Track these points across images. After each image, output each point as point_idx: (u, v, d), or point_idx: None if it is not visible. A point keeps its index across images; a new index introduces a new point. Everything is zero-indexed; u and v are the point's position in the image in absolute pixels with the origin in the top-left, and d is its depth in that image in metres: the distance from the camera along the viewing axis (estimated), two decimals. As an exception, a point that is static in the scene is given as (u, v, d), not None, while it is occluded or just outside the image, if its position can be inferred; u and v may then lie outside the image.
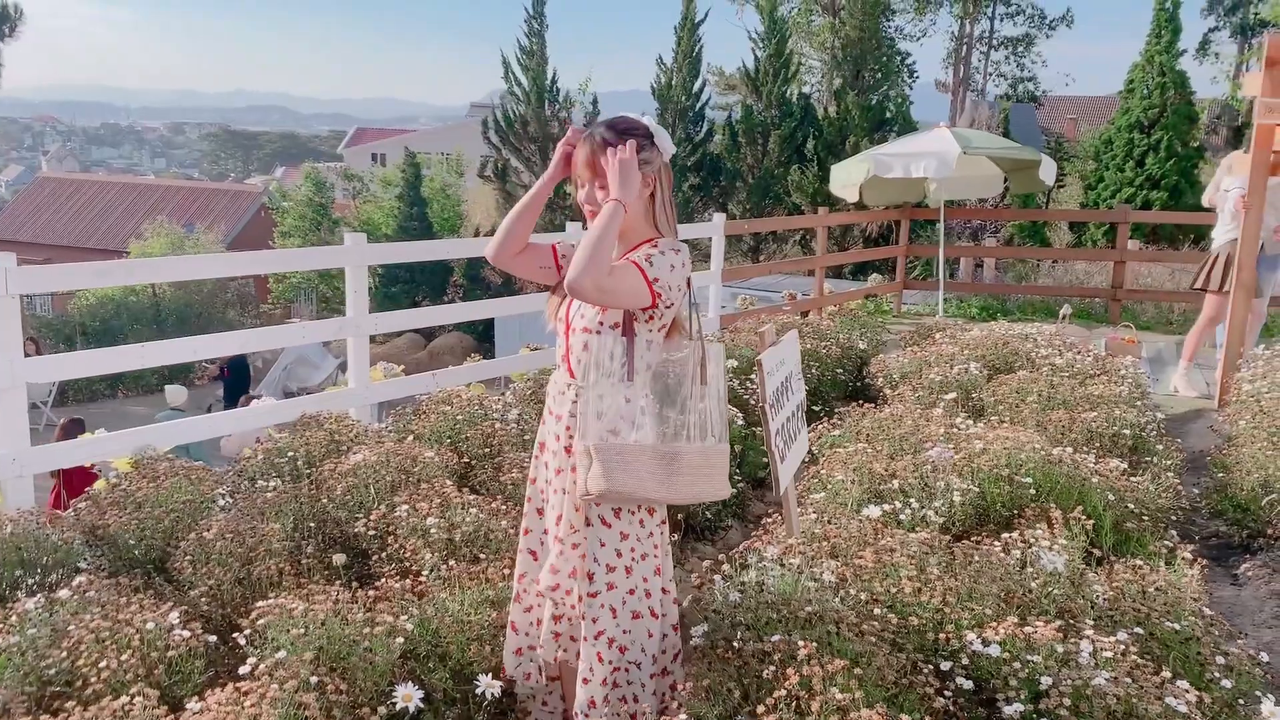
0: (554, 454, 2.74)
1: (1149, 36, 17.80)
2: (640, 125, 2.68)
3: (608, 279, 2.45)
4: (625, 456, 2.53)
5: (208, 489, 4.02)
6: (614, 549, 2.66)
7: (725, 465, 2.71)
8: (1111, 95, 45.67)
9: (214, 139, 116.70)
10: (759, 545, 3.30)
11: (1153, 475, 4.54)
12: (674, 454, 2.59)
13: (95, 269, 4.70)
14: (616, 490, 2.51)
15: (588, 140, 2.63)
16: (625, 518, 2.65)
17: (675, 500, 2.64)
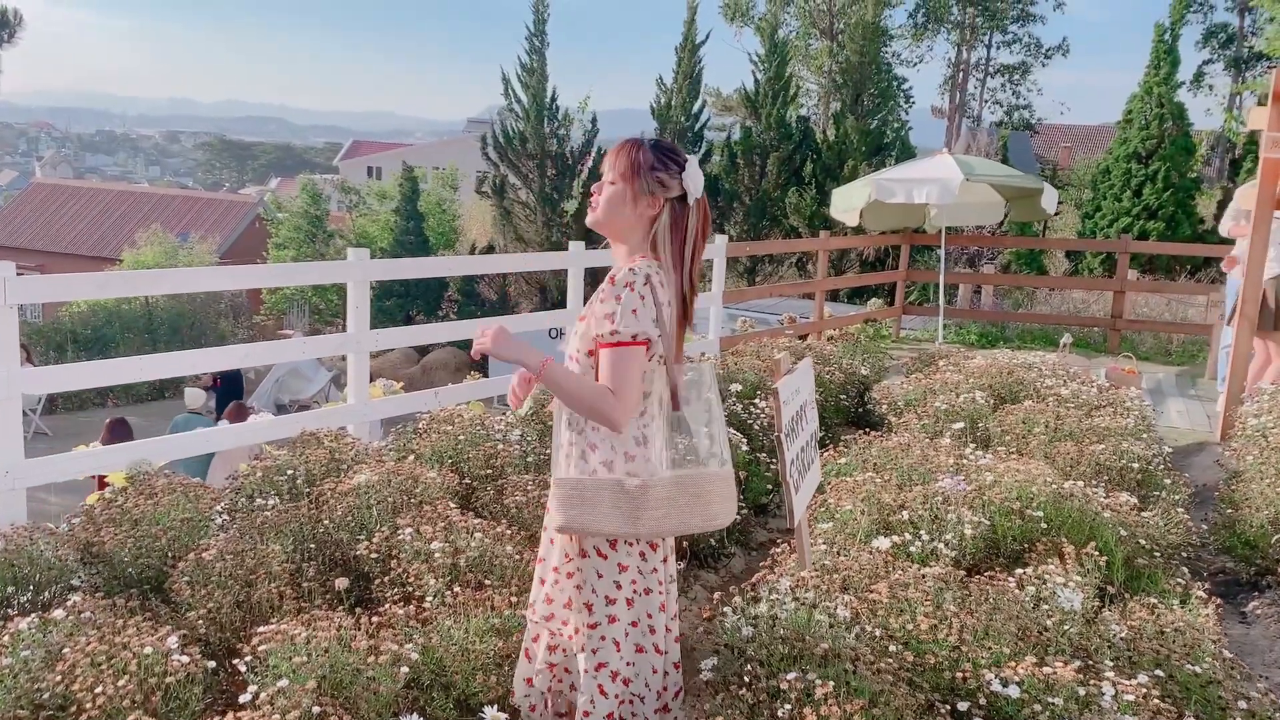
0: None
1: (1148, 68, 17.88)
2: (677, 152, 2.66)
3: (630, 400, 2.46)
4: (585, 492, 2.49)
5: (205, 507, 3.94)
6: (613, 580, 2.59)
7: (720, 491, 2.63)
8: (1106, 124, 46.00)
9: (209, 148, 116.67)
10: (770, 577, 3.23)
11: (1163, 510, 4.50)
12: (641, 487, 2.52)
13: (96, 280, 4.63)
14: (574, 525, 2.49)
15: (622, 142, 2.65)
16: (622, 549, 2.58)
17: (654, 535, 2.56)
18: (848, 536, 4.04)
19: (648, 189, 2.58)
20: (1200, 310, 14.39)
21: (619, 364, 2.45)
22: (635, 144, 2.62)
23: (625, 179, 2.59)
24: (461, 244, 28.84)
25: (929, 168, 10.04)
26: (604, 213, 2.61)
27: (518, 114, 21.56)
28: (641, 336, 2.46)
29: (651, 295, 2.50)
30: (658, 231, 2.61)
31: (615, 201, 2.60)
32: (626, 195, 2.59)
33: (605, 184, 2.62)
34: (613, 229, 2.63)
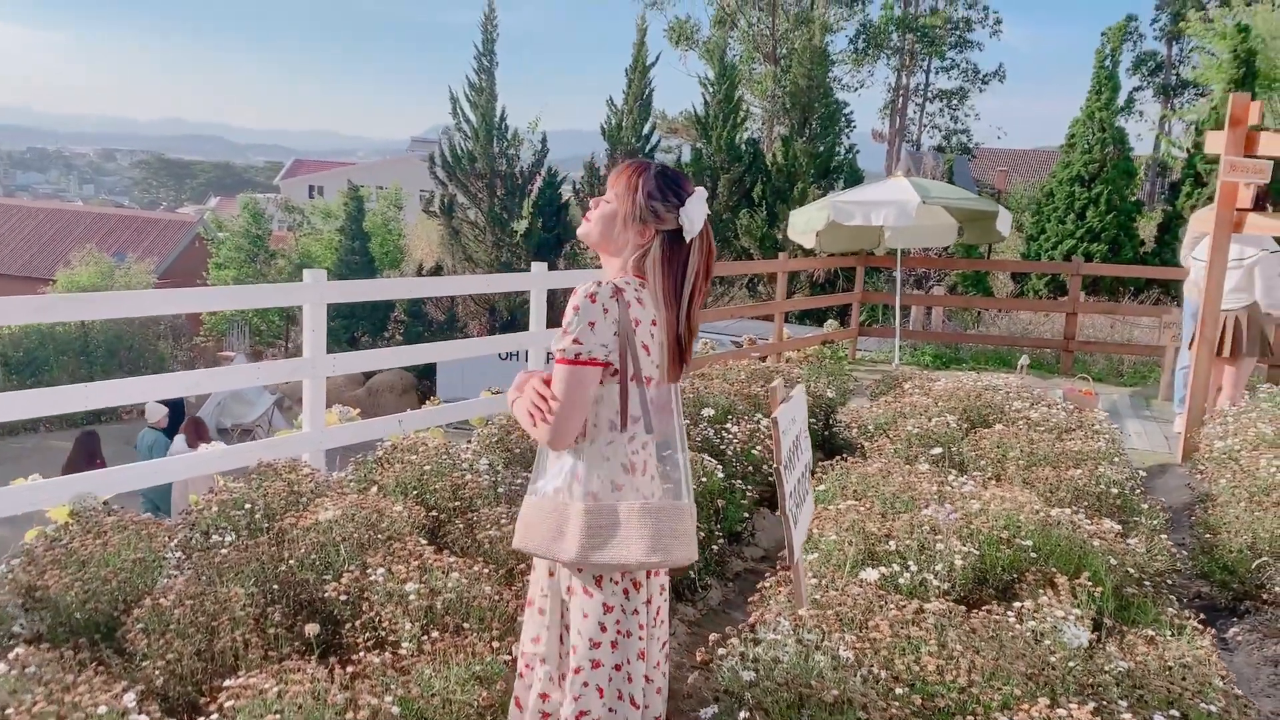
0: None
1: (1089, 94, 18.23)
2: (683, 185, 2.53)
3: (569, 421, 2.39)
4: (548, 518, 2.44)
5: (159, 545, 3.70)
6: (597, 622, 2.45)
7: (686, 525, 2.49)
8: (1040, 148, 46.99)
9: (146, 166, 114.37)
10: (768, 616, 3.09)
11: (1146, 537, 4.44)
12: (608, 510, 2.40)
13: (36, 304, 4.37)
14: (531, 550, 2.47)
15: (631, 161, 2.56)
16: (608, 587, 2.45)
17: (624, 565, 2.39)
18: (834, 567, 3.92)
19: (639, 216, 2.48)
20: (1146, 331, 14.61)
21: (561, 383, 2.37)
22: (640, 167, 2.52)
23: (620, 200, 2.49)
24: (407, 263, 28.44)
25: (886, 190, 10.05)
26: (595, 228, 2.53)
27: (466, 133, 21.37)
28: (585, 356, 2.35)
29: (617, 310, 2.37)
30: (648, 260, 2.49)
31: (607, 220, 2.51)
32: (618, 216, 2.48)
33: (603, 200, 2.53)
34: (603, 246, 2.55)
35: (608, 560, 2.37)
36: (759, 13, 38.47)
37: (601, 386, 2.42)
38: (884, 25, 41.01)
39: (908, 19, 41.42)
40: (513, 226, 21.14)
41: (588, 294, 2.38)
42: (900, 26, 41.31)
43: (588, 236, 2.55)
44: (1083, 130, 18.15)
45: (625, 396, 2.42)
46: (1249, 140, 6.84)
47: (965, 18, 42.97)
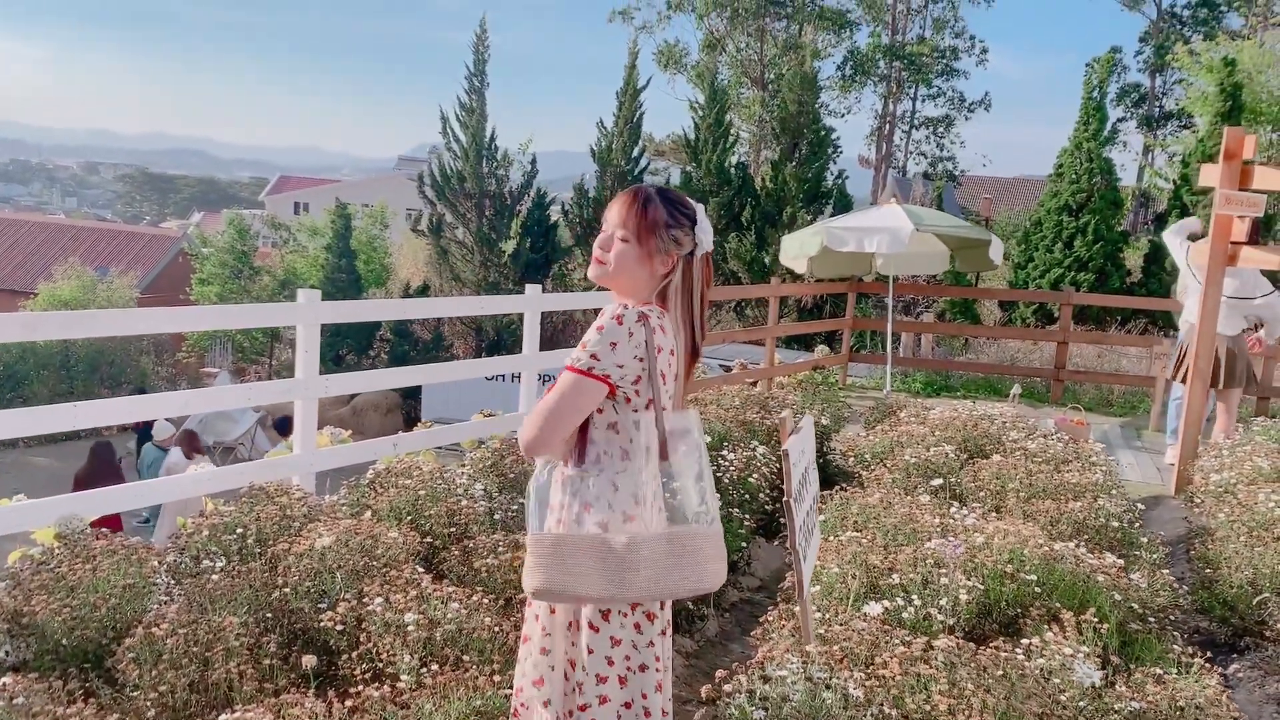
0: None
1: (1077, 125, 18.36)
2: (687, 204, 2.49)
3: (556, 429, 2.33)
4: (563, 551, 2.29)
5: (149, 571, 3.61)
6: (604, 656, 2.37)
7: (712, 550, 2.42)
8: (1024, 176, 47.36)
9: (129, 180, 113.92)
10: (776, 653, 3.03)
11: (1148, 572, 4.41)
12: (630, 545, 2.32)
13: (25, 321, 4.29)
14: (550, 589, 2.29)
15: (630, 193, 2.46)
16: (616, 620, 2.37)
17: (642, 598, 2.35)
18: (837, 600, 3.86)
19: (662, 248, 2.43)
20: (1132, 361, 14.66)
21: (563, 387, 2.32)
22: (642, 196, 2.44)
23: (639, 239, 2.41)
24: (393, 282, 28.32)
25: (879, 217, 10.07)
26: (617, 271, 2.42)
27: (456, 153, 21.35)
28: (597, 371, 2.30)
29: (642, 335, 2.33)
30: (670, 288, 2.45)
31: (628, 260, 2.42)
32: (640, 255, 2.42)
33: (614, 239, 2.43)
34: (621, 286, 2.46)
35: (616, 594, 2.29)
36: (747, 38, 38.78)
37: (616, 413, 2.36)
38: (871, 53, 41.36)
39: (895, 47, 41.78)
40: (501, 247, 21.10)
41: (614, 315, 2.33)
42: (887, 54, 41.67)
43: (604, 278, 2.45)
44: (1070, 160, 18.27)
45: (640, 425, 2.37)
46: (1243, 174, 6.88)
47: (952, 46, 43.42)
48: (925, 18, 43.64)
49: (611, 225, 2.44)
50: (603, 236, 2.45)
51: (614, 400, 2.36)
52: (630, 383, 2.34)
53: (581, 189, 21.44)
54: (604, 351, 2.30)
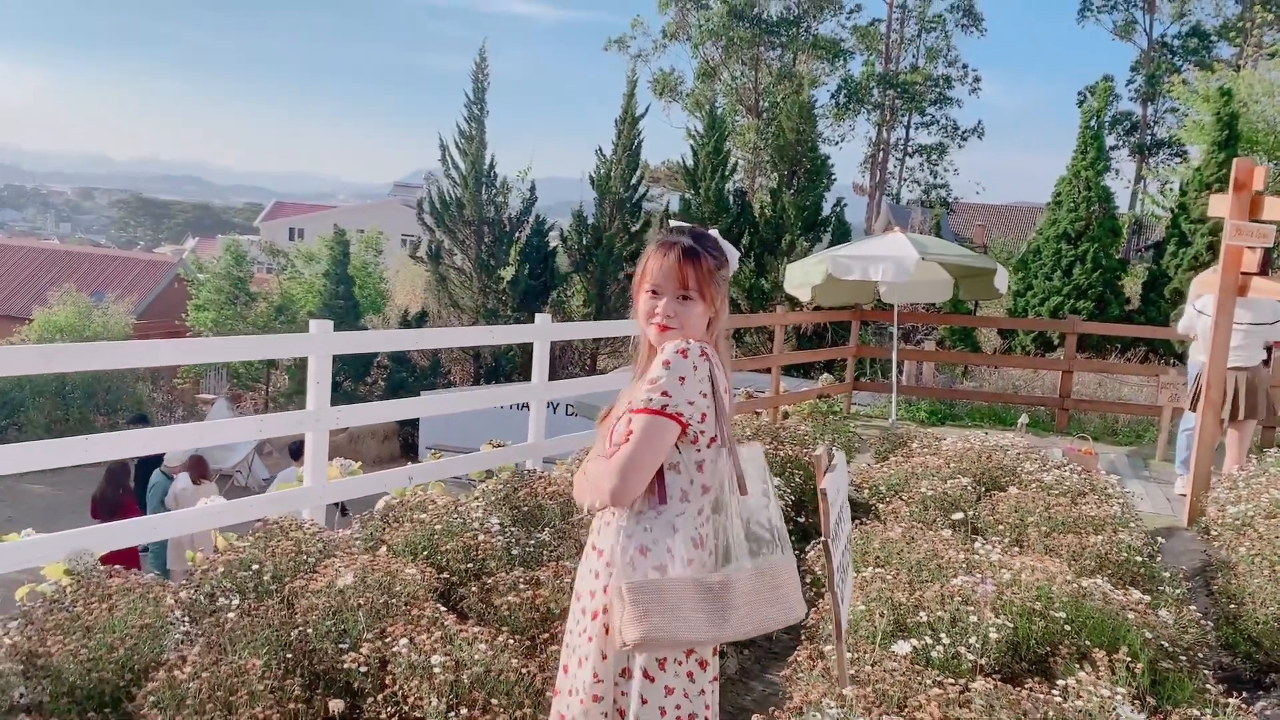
0: (592, 594, 2.39)
1: (1075, 153, 18.46)
2: (713, 238, 2.48)
3: (639, 474, 2.28)
4: (665, 595, 2.22)
5: (166, 610, 3.54)
6: (658, 706, 2.31)
7: (793, 581, 2.42)
8: (1018, 203, 47.58)
9: (124, 206, 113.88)
10: (813, 696, 2.97)
11: (1174, 608, 4.35)
12: (724, 583, 2.28)
13: (39, 353, 4.24)
14: (656, 636, 2.20)
15: (670, 248, 2.40)
16: (671, 669, 2.32)
17: (738, 636, 2.32)
18: (863, 639, 3.80)
19: (720, 292, 2.44)
20: (1134, 389, 14.65)
21: (640, 431, 2.27)
22: (693, 252, 2.38)
23: (703, 294, 2.38)
24: (390, 309, 28.27)
25: (884, 245, 10.06)
26: (687, 331, 2.38)
27: (455, 180, 21.39)
28: (671, 409, 2.26)
29: (707, 369, 2.31)
30: (715, 322, 2.45)
31: (695, 317, 2.39)
32: (705, 308, 2.40)
33: (674, 298, 2.37)
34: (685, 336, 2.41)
35: (718, 634, 2.25)
36: (742, 66, 39.04)
37: (680, 454, 2.32)
38: (865, 81, 41.65)
39: (888, 75, 42.08)
40: (499, 274, 21.09)
41: (678, 350, 2.30)
42: (881, 83, 41.97)
43: (661, 343, 2.38)
44: (1069, 189, 18.35)
45: (702, 465, 2.34)
46: (1253, 204, 6.88)
47: (945, 75, 43.78)
48: (919, 46, 44.06)
49: (667, 285, 2.37)
50: (655, 304, 2.38)
51: (682, 439, 2.32)
52: (698, 420, 2.31)
53: (581, 216, 21.47)
54: (674, 388, 2.27)
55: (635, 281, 2.46)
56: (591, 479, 2.36)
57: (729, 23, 36.18)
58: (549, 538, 4.68)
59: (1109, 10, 40.56)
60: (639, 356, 2.49)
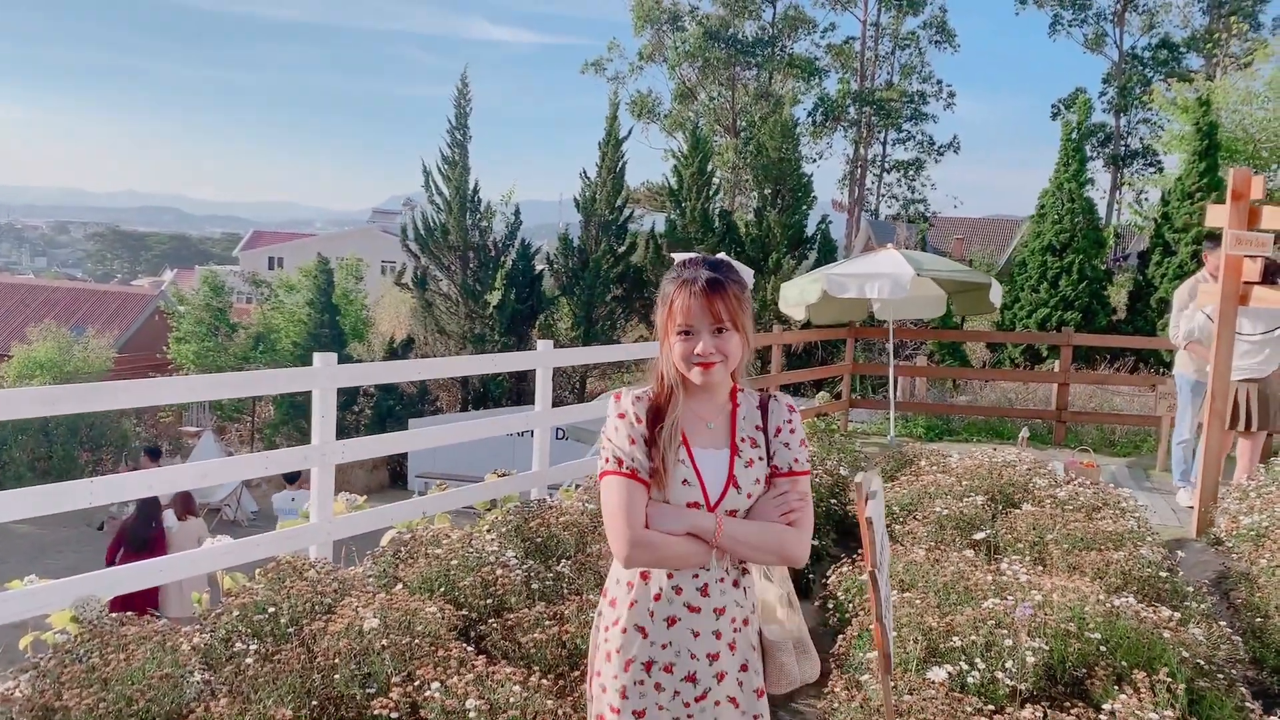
0: (701, 659, 2.25)
1: (1057, 165, 18.57)
2: (730, 263, 2.41)
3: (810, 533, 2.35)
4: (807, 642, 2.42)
5: (184, 658, 3.43)
6: None
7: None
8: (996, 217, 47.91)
9: (100, 239, 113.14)
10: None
11: (1205, 624, 4.31)
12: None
13: (41, 396, 4.13)
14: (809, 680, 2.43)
15: (692, 284, 2.28)
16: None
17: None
18: (896, 666, 3.73)
19: (752, 319, 2.40)
20: (1125, 399, 14.68)
21: (807, 493, 2.31)
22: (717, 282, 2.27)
23: (741, 327, 2.30)
24: (374, 336, 28.10)
25: (879, 263, 10.04)
26: (735, 365, 2.33)
27: (439, 205, 21.31)
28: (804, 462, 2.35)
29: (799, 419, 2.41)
30: (744, 361, 2.40)
31: (738, 349, 2.30)
32: (743, 340, 2.33)
33: (710, 333, 2.25)
34: (732, 373, 2.37)
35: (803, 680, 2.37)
36: (719, 87, 39.21)
37: None
38: (841, 99, 41.90)
39: (864, 93, 42.36)
40: (486, 299, 21.00)
41: (790, 405, 2.38)
42: (857, 100, 42.23)
43: (720, 374, 2.30)
44: (1052, 201, 18.45)
45: None
46: (1252, 214, 6.89)
47: (920, 91, 44.11)
48: (893, 64, 44.42)
49: (700, 323, 2.25)
50: (691, 345, 2.26)
51: None
52: None
53: (566, 239, 21.43)
54: (799, 436, 2.37)
55: (661, 323, 2.32)
56: (763, 543, 2.26)
57: (705, 44, 36.34)
58: (568, 570, 4.59)
59: (1080, 24, 41.03)
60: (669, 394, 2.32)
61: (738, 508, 2.25)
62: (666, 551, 2.19)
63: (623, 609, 2.26)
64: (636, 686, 2.23)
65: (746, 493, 2.25)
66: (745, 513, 2.26)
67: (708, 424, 2.31)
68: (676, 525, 2.20)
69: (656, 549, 2.19)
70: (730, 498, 2.24)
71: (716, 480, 2.25)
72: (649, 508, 2.22)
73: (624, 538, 2.18)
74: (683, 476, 2.24)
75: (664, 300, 2.32)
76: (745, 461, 2.27)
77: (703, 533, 2.19)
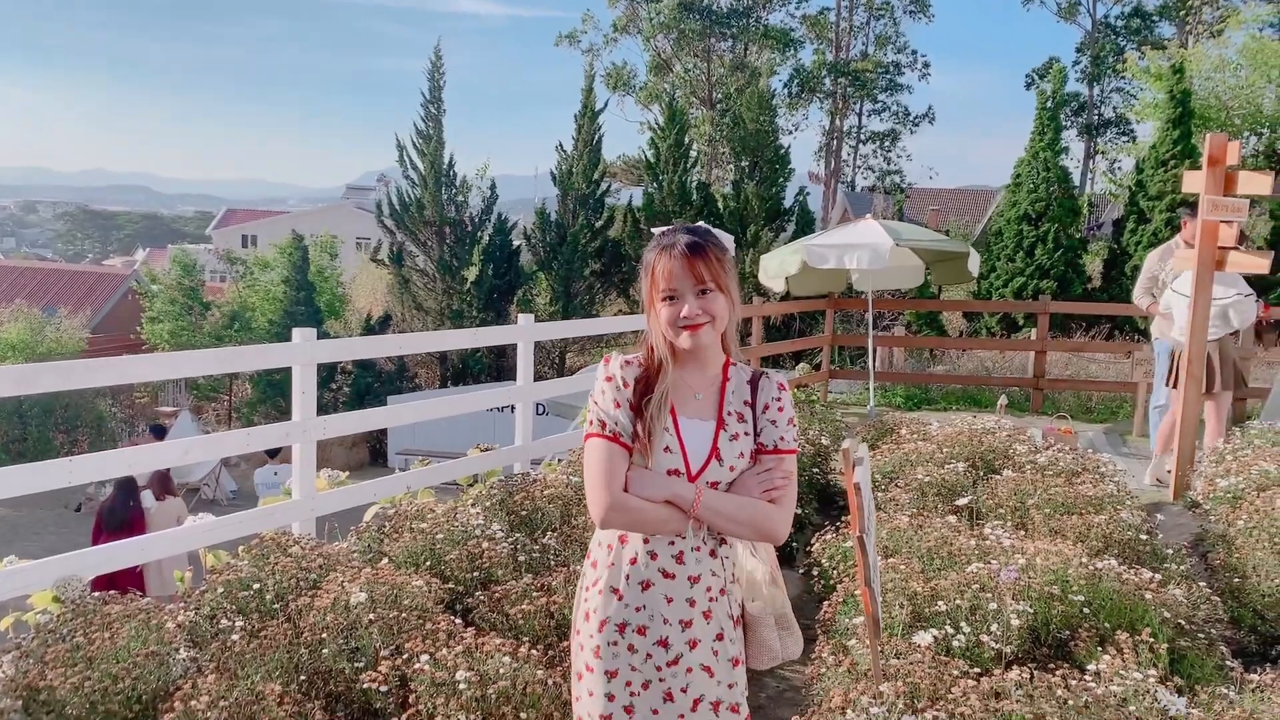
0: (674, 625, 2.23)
1: (1032, 134, 18.61)
2: (711, 232, 2.38)
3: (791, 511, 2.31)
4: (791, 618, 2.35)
5: (170, 635, 3.41)
6: None
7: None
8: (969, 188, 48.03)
9: (69, 218, 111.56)
10: (853, 694, 2.91)
11: (1185, 585, 4.36)
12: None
13: (15, 375, 4.07)
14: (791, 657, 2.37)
15: (671, 248, 2.27)
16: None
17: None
18: (882, 630, 3.75)
19: (737, 284, 2.37)
20: (1102, 366, 14.81)
21: (792, 472, 2.28)
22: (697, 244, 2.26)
23: (725, 288, 2.29)
24: (350, 313, 27.90)
25: (858, 233, 10.05)
26: (723, 325, 2.31)
27: (414, 180, 21.14)
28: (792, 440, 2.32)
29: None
30: (732, 327, 2.37)
31: (724, 309, 2.29)
32: (729, 301, 2.31)
33: (694, 295, 2.24)
34: (723, 338, 2.34)
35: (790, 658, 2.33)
36: (694, 59, 38.98)
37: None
38: (816, 70, 41.77)
39: (839, 64, 42.25)
40: (463, 274, 20.89)
41: (780, 384, 2.35)
42: (832, 71, 42.11)
43: (698, 347, 2.27)
44: (1028, 170, 18.50)
45: None
46: (1228, 180, 6.93)
47: (895, 62, 44.06)
48: (868, 34, 44.30)
49: (683, 285, 2.24)
50: (676, 309, 2.24)
51: None
52: None
53: (544, 213, 21.32)
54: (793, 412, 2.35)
55: (646, 294, 2.31)
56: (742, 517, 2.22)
57: (679, 15, 36.08)
58: (554, 543, 4.59)
59: (1053, -8, 41.07)
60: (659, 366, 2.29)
61: (719, 480, 2.24)
62: (643, 516, 2.20)
63: (602, 570, 2.28)
64: (610, 647, 2.24)
65: (729, 465, 2.24)
66: (727, 487, 2.24)
67: (696, 395, 2.30)
68: (656, 492, 2.20)
69: (633, 513, 2.19)
70: (712, 469, 2.24)
71: (699, 451, 2.24)
72: (630, 472, 2.22)
73: (601, 500, 2.19)
74: (665, 444, 2.24)
75: (646, 269, 2.31)
76: (730, 435, 2.26)
77: (681, 501, 2.19)
